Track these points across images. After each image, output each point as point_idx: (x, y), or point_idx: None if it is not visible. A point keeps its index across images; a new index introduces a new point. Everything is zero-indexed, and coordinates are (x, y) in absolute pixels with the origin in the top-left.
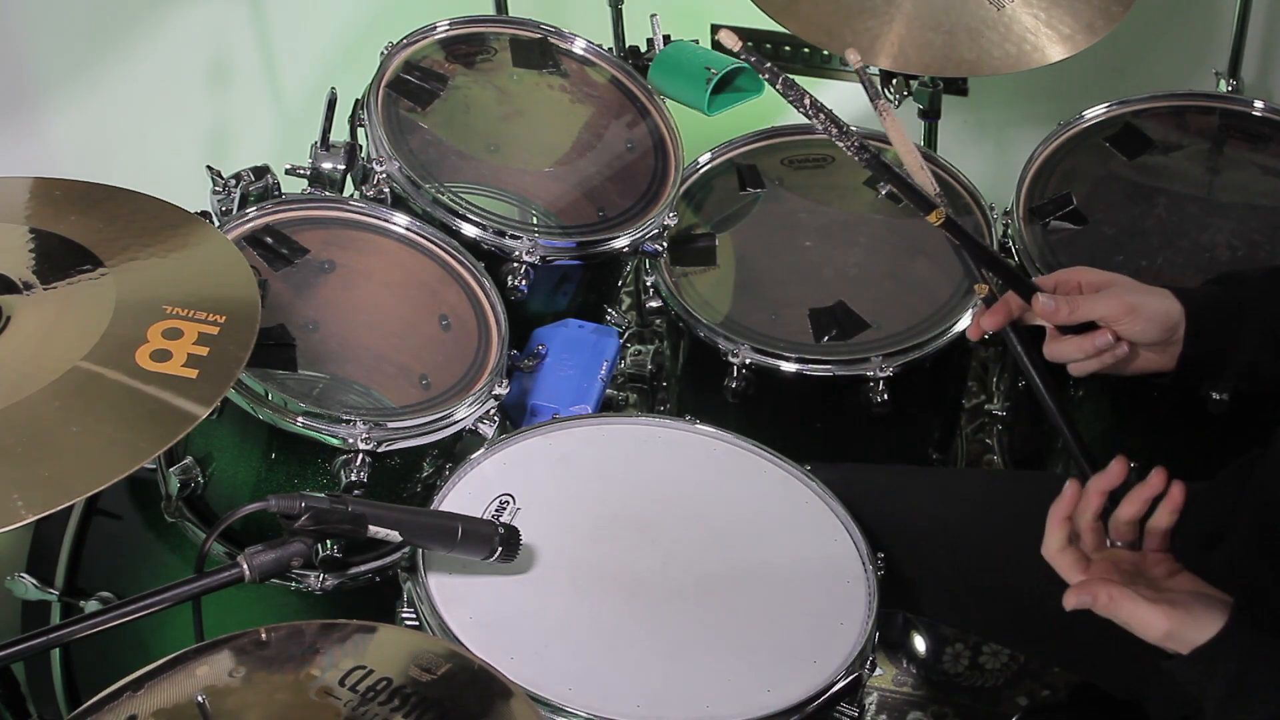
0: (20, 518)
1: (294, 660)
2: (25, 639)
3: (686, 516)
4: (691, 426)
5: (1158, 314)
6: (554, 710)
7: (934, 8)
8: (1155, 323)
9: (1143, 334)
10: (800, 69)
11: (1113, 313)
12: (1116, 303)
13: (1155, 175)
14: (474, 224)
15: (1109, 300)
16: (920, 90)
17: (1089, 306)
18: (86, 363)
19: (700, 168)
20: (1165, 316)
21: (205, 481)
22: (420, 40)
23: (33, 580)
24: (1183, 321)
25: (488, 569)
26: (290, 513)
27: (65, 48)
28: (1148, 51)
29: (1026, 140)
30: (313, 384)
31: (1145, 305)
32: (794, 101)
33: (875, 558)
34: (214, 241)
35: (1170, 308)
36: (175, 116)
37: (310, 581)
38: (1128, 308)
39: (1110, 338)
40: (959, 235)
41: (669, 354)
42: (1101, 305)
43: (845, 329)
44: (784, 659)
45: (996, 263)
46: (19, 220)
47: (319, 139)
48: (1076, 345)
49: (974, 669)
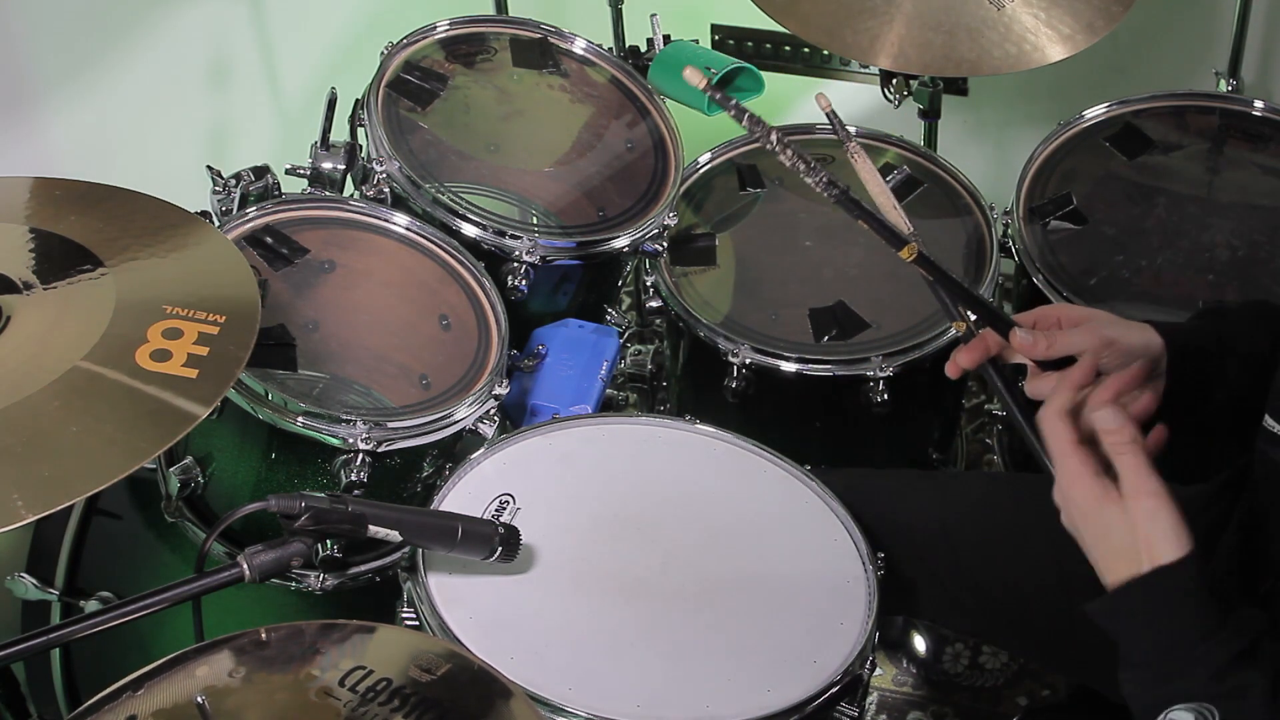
0: (20, 518)
1: (294, 660)
2: (25, 639)
3: (686, 516)
4: (691, 426)
5: (1136, 347)
6: (554, 710)
7: (934, 8)
8: (1134, 356)
9: (1122, 368)
10: (800, 69)
11: (1091, 345)
12: (1094, 336)
13: (1155, 175)
14: (474, 224)
15: (1086, 334)
16: (920, 90)
17: (1066, 340)
18: (86, 363)
19: (700, 168)
20: (1144, 350)
21: (205, 481)
22: (420, 40)
23: (33, 580)
24: (1164, 356)
25: (488, 569)
26: (290, 513)
27: (65, 48)
28: (1148, 51)
29: (1026, 140)
30: (313, 384)
31: (1124, 338)
32: (760, 138)
33: (875, 558)
34: (214, 241)
35: (1150, 340)
36: (175, 116)
37: (310, 581)
38: (1106, 341)
39: (1090, 372)
40: (933, 271)
41: (669, 354)
42: (1080, 339)
43: (845, 329)
44: (784, 659)
45: (973, 299)
46: (19, 220)
47: (319, 139)
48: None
49: (974, 669)
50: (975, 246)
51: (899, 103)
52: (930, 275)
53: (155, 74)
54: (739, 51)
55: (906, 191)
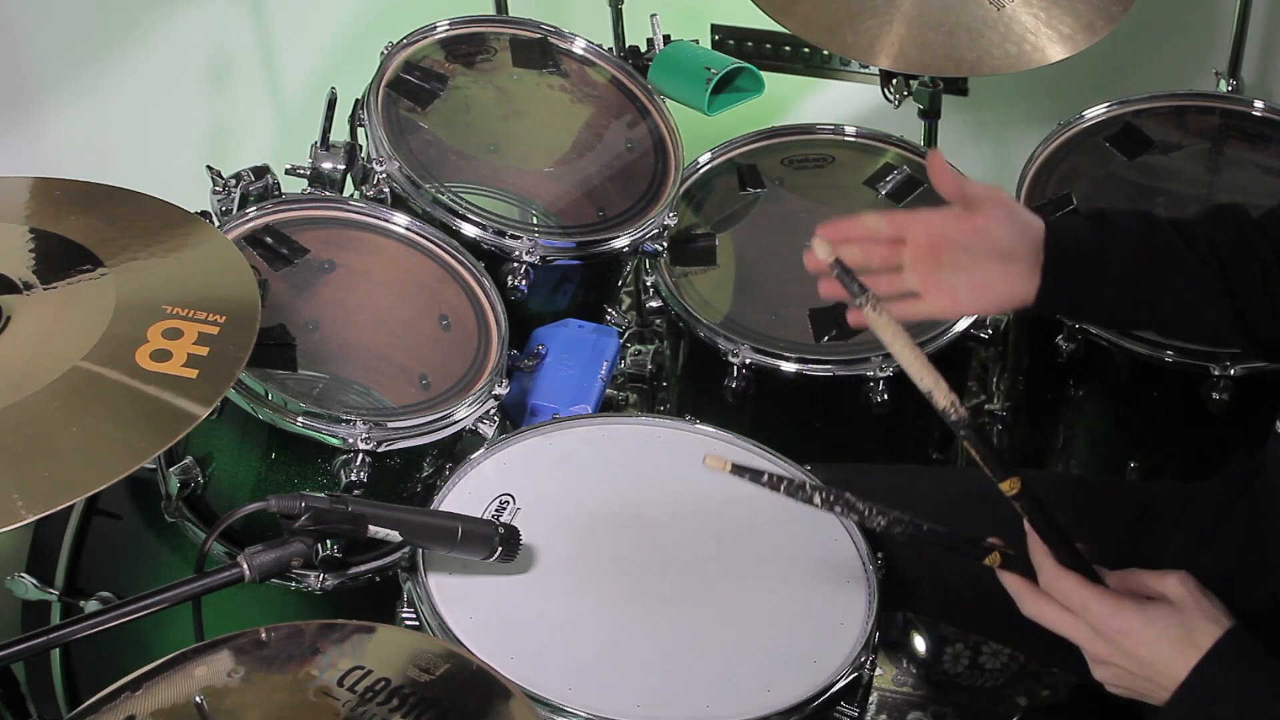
0: (20, 518)
1: (293, 660)
2: (25, 639)
3: (686, 516)
4: (691, 426)
5: (1025, 219)
6: (554, 710)
7: (934, 8)
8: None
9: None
10: (800, 69)
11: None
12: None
13: (1155, 175)
14: (474, 224)
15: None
16: (920, 90)
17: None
18: (86, 363)
19: (700, 168)
20: (1027, 226)
21: (205, 481)
22: (420, 40)
23: (33, 580)
24: (1043, 246)
25: (488, 569)
26: (290, 513)
27: (65, 48)
28: (1148, 51)
29: (1026, 140)
30: (313, 384)
31: (1018, 207)
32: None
33: (875, 558)
34: (214, 241)
35: (1035, 222)
36: (175, 116)
37: (310, 581)
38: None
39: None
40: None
41: (669, 354)
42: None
43: (845, 329)
44: (784, 659)
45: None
46: (19, 220)
47: (319, 139)
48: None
49: (974, 669)
50: None
51: (899, 103)
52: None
53: (155, 74)
54: (739, 51)
55: (906, 191)
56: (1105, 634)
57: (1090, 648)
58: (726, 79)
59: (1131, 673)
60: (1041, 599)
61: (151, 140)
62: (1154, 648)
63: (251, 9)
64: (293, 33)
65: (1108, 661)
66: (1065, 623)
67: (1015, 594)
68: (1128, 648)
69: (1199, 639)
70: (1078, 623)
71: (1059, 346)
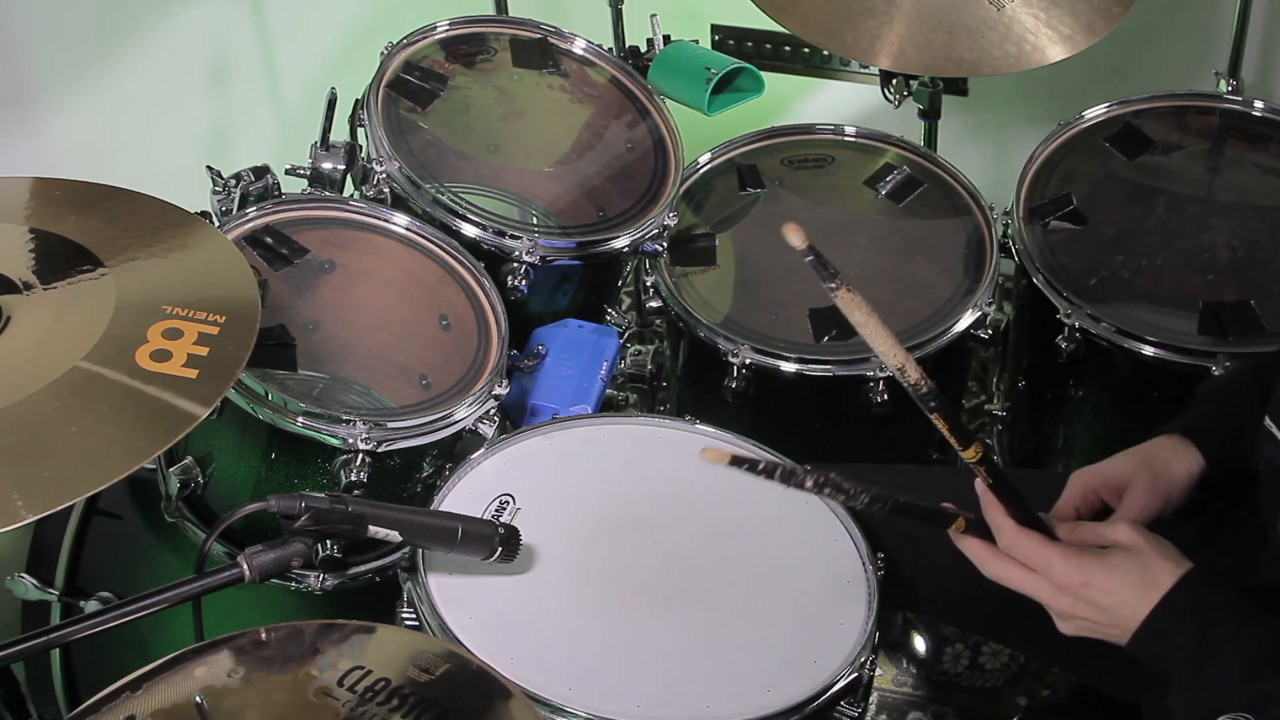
0: (20, 518)
1: (293, 660)
2: (25, 639)
3: (687, 516)
4: (691, 426)
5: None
6: (554, 710)
7: (934, 8)
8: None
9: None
10: (800, 69)
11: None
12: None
13: (1155, 175)
14: (474, 224)
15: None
16: (920, 90)
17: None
18: (86, 363)
19: (700, 168)
20: (1187, 479)
21: (205, 481)
22: (420, 40)
23: (33, 580)
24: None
25: (488, 569)
26: (290, 513)
27: (65, 48)
28: (1148, 51)
29: (1026, 140)
30: (313, 384)
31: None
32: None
33: (875, 558)
34: (214, 241)
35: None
36: (175, 116)
37: (310, 581)
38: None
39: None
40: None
41: (669, 354)
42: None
43: (845, 329)
44: (784, 659)
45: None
46: (19, 220)
47: (319, 139)
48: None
49: (974, 669)
50: (975, 247)
51: (899, 103)
52: (991, 479)
53: (155, 74)
54: (739, 51)
55: (906, 192)
56: (1069, 588)
57: (1054, 603)
58: (726, 79)
59: (1096, 621)
60: (1003, 560)
61: (151, 140)
62: (1117, 594)
63: (251, 9)
64: (293, 33)
65: (1072, 615)
66: (1028, 582)
67: (976, 557)
68: (1092, 599)
69: (1160, 578)
70: (1040, 580)
71: (1059, 347)
